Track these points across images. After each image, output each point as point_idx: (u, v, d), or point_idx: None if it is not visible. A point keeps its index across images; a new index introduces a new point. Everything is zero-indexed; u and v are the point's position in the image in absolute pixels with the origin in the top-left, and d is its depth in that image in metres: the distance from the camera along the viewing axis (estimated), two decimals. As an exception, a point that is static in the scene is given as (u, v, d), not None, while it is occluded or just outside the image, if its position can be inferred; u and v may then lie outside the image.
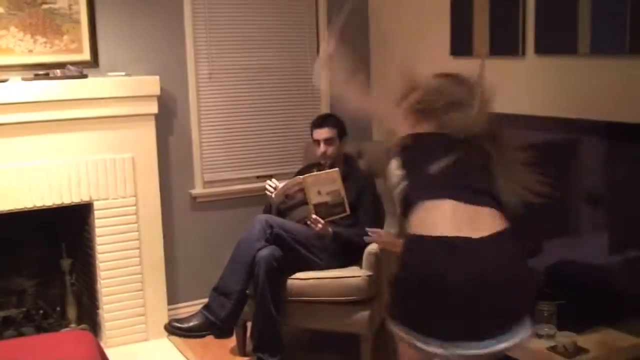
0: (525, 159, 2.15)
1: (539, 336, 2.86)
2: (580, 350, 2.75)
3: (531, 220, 3.20)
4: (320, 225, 3.75)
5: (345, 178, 3.87)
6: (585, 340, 2.81)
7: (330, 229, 3.80)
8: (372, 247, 3.64)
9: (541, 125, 3.14)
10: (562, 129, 3.04)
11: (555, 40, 3.39)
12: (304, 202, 3.87)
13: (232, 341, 3.98)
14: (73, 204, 3.96)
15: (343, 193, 3.82)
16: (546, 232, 3.18)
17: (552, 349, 2.78)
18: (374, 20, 4.83)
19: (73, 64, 3.93)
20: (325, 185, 3.81)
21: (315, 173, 3.88)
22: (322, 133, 4.01)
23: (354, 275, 3.67)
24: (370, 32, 4.87)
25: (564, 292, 2.98)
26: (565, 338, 2.79)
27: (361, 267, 3.70)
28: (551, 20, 3.41)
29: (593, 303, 2.93)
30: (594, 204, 2.93)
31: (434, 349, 1.95)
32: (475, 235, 1.97)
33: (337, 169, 3.88)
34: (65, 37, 3.98)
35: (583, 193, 2.98)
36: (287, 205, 4.08)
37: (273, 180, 4.00)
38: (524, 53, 3.59)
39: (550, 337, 2.86)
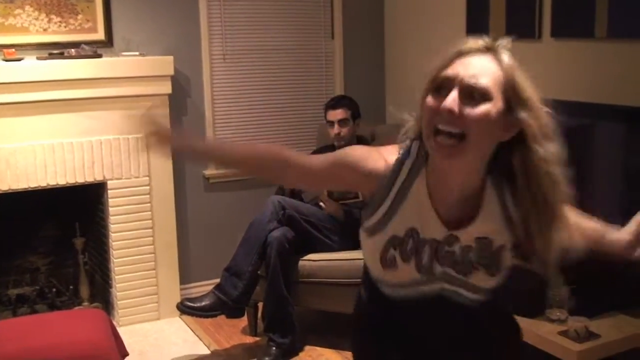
0: None
1: (551, 320, 2.86)
2: (592, 335, 2.75)
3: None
4: (331, 205, 3.76)
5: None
6: (596, 325, 2.80)
7: (341, 209, 3.81)
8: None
9: (557, 109, 3.12)
10: (578, 114, 3.02)
11: (572, 24, 3.36)
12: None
13: (244, 321, 4.00)
14: (87, 183, 3.98)
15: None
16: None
17: (564, 333, 2.78)
18: (389, 0, 4.80)
19: (87, 43, 3.93)
20: None
21: None
22: (336, 114, 4.00)
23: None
24: (385, 11, 4.84)
25: (576, 277, 2.97)
26: (576, 322, 2.78)
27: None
28: (568, 3, 3.38)
29: (605, 288, 2.92)
30: (609, 189, 2.92)
31: None
32: None
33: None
34: (79, 17, 3.98)
35: (599, 177, 2.96)
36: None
37: None
38: (540, 36, 3.56)
39: (561, 321, 2.86)
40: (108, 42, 4.06)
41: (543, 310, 2.89)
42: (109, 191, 4.02)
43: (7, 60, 3.68)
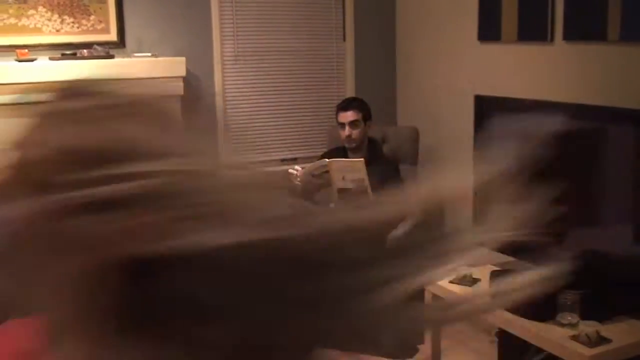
0: None
1: (562, 325, 2.85)
2: (603, 340, 2.73)
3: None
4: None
5: (368, 162, 3.85)
6: (608, 329, 2.79)
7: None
8: (398, 232, 3.63)
9: (568, 112, 3.11)
10: (589, 117, 3.01)
11: (585, 27, 3.35)
12: (330, 184, 3.86)
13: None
14: (98, 183, 3.99)
15: (367, 183, 3.80)
16: (571, 220, 3.15)
17: (575, 338, 2.76)
18: (401, 3, 4.80)
19: (100, 44, 3.95)
20: (350, 172, 3.79)
21: (340, 159, 3.87)
22: (348, 116, 3.99)
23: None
24: (396, 13, 4.84)
25: (588, 281, 2.96)
26: (588, 327, 2.77)
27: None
28: (581, 6, 3.37)
29: (617, 293, 2.91)
30: (620, 192, 2.90)
31: None
32: None
33: (362, 159, 3.85)
34: (92, 17, 4.00)
35: (609, 182, 2.95)
36: (312, 186, 4.06)
37: (296, 167, 3.99)
38: (552, 39, 3.55)
39: (572, 326, 2.84)
40: (120, 43, 4.08)
41: (554, 314, 2.88)
42: (120, 192, 4.02)
43: (20, 61, 3.70)
